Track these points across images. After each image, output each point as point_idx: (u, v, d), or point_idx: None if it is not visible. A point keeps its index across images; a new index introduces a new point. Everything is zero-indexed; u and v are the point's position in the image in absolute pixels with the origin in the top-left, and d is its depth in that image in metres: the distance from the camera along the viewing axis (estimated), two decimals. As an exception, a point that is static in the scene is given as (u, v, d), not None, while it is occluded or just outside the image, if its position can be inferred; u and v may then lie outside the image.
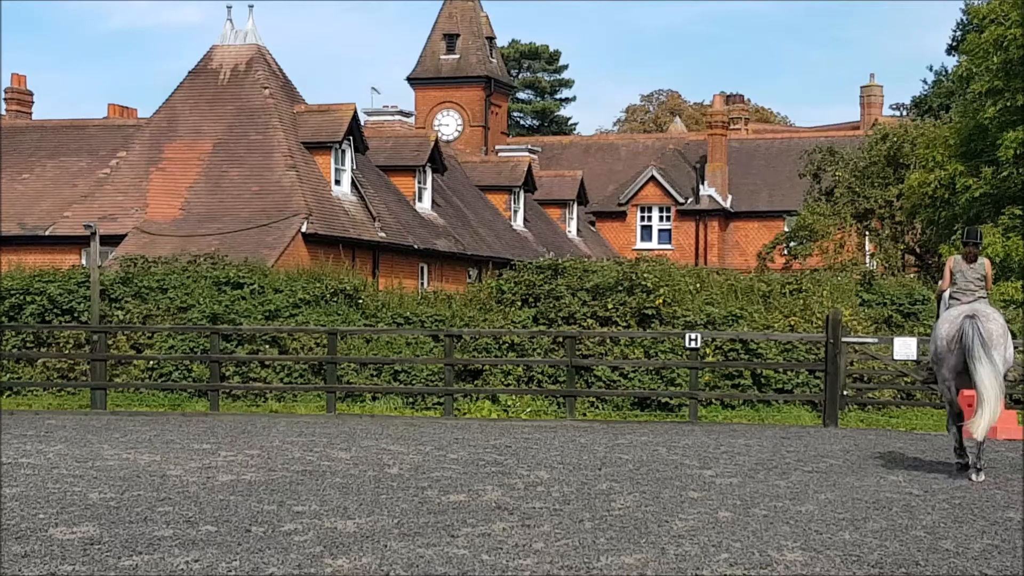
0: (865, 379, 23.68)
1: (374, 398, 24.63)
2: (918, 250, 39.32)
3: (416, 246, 39.01)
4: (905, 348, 22.29)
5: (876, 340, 23.23)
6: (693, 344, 22.88)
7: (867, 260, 39.76)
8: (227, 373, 24.99)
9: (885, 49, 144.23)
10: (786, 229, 47.56)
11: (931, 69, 57.00)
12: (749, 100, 77.51)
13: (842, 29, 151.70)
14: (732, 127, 62.09)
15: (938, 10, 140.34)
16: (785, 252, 43.74)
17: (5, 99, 54.41)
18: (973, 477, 15.00)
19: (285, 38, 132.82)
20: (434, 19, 65.12)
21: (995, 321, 15.19)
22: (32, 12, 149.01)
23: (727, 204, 58.35)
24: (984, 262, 15.74)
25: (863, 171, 40.70)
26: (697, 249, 57.76)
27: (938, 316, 16.08)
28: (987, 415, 14.62)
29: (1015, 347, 17.98)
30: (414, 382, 24.63)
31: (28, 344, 26.07)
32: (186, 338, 25.41)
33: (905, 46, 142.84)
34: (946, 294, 15.97)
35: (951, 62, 55.68)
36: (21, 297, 26.37)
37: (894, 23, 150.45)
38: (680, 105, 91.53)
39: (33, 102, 54.81)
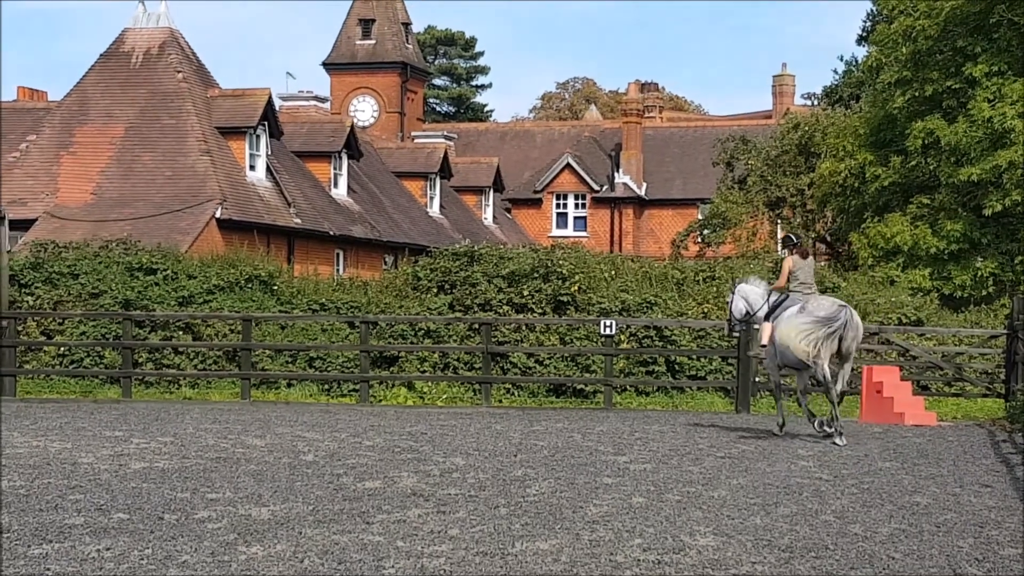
0: (777, 366, 23.93)
1: (289, 385, 24.54)
2: (828, 238, 39.82)
3: (332, 232, 38.85)
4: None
5: (787, 327, 23.45)
6: (608, 331, 23.02)
7: (779, 248, 40.19)
8: (140, 360, 24.76)
9: (797, 39, 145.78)
10: (700, 217, 47.96)
11: (842, 59, 57.80)
12: (664, 88, 77.98)
13: (754, 18, 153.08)
14: (647, 115, 62.43)
15: (848, 1, 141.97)
16: (699, 240, 44.14)
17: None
18: (838, 441, 17.45)
19: (199, 21, 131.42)
20: (350, 4, 64.79)
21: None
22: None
23: (642, 192, 58.71)
24: (811, 259, 18.59)
25: (775, 160, 41.13)
26: (612, 236, 58.07)
27: (770, 311, 18.30)
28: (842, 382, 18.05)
29: (925, 334, 23.72)
30: (329, 369, 24.56)
31: (-65, 330, 25.64)
32: (98, 324, 25.13)
33: (816, 36, 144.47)
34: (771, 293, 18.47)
35: (861, 52, 56.38)
36: (-72, 282, 25.92)
37: (806, 13, 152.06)
38: (595, 93, 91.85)
39: (-60, 84, 53.88)
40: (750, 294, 18.76)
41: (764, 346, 18.51)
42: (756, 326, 19.29)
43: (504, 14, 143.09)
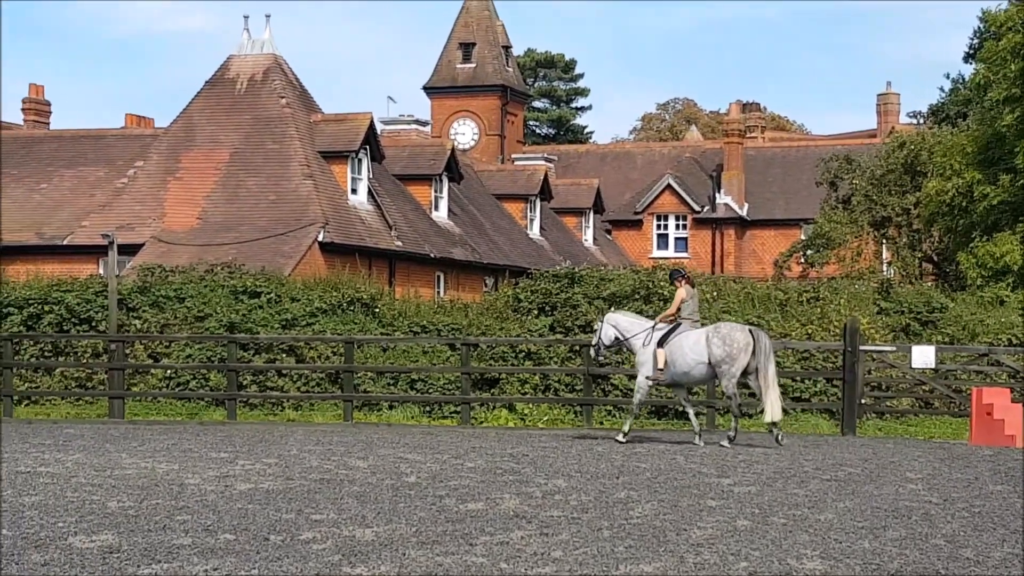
0: (883, 387, 23.61)
1: (391, 407, 24.65)
2: (936, 258, 39.22)
3: (432, 255, 39.02)
4: (923, 356, 22.24)
5: (894, 348, 23.16)
6: (710, 352, 22.79)
7: (884, 268, 39.65)
8: (244, 382, 25.02)
9: (902, 57, 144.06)
10: (803, 237, 47.45)
11: (948, 77, 56.97)
12: (765, 108, 77.40)
13: (858, 36, 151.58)
14: (748, 135, 62.02)
15: (955, 17, 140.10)
16: (802, 260, 43.66)
17: (23, 109, 54.67)
18: (781, 440, 19.66)
19: (302, 47, 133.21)
20: (450, 28, 65.18)
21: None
22: (48, 22, 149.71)
23: (743, 212, 58.26)
24: (696, 290, 20.62)
25: (880, 179, 40.61)
26: (713, 257, 57.67)
27: (663, 337, 19.65)
28: (778, 400, 19.68)
29: None
30: (431, 391, 24.63)
31: (46, 354, 26.14)
32: (203, 347, 25.45)
33: (922, 54, 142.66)
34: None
35: (968, 70, 55.48)
36: (39, 307, 26.44)
37: (911, 31, 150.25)
38: (696, 113, 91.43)
39: (51, 112, 55.10)
40: (620, 321, 20.29)
41: (661, 370, 19.64)
42: (627, 349, 20.71)
43: (604, 36, 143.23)
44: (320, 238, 34.28)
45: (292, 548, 10.80)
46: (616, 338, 20.22)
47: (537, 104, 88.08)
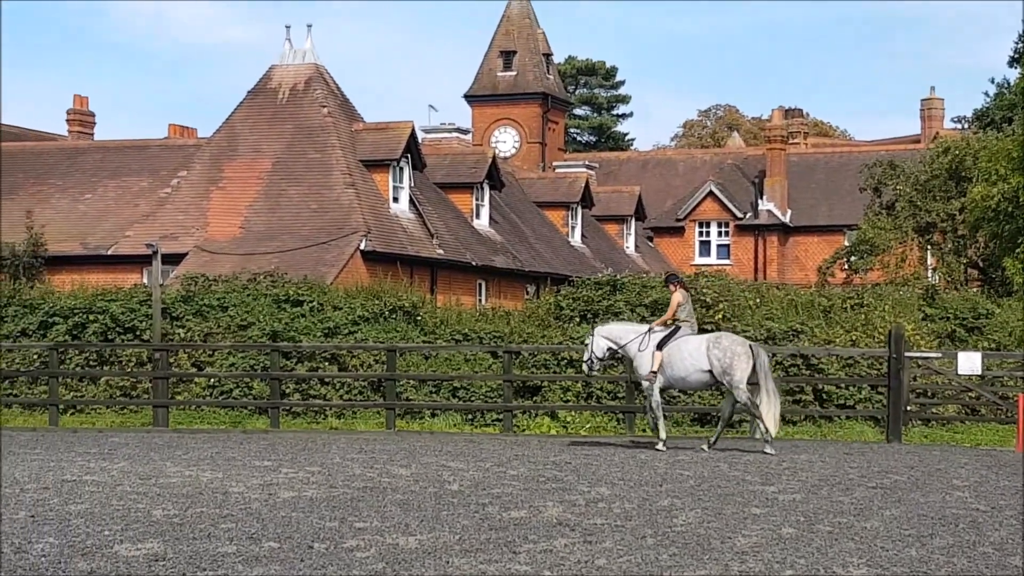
0: (929, 394, 23.42)
1: (433, 415, 24.66)
2: (981, 264, 38.89)
3: (474, 263, 39.05)
4: (969, 363, 22.06)
5: (939, 355, 22.99)
6: (754, 359, 22.69)
7: (929, 274, 39.33)
8: (287, 390, 25.09)
9: (945, 62, 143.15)
10: (847, 243, 47.14)
11: (993, 81, 56.27)
12: (808, 114, 77.05)
13: (902, 41, 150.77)
14: (791, 141, 61.71)
15: (1000, 21, 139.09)
16: (846, 267, 43.38)
17: (68, 120, 55.14)
18: (769, 450, 19.41)
19: (343, 57, 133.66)
20: (491, 36, 65.25)
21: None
22: (93, 34, 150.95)
23: (786, 219, 58.00)
24: (689, 295, 21.04)
25: (924, 185, 40.32)
26: (756, 264, 57.43)
27: (661, 341, 19.86)
28: (777, 411, 19.85)
29: None
30: (473, 399, 24.63)
31: (91, 362, 26.30)
32: (246, 356, 25.54)
33: (966, 58, 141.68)
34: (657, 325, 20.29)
35: (1013, 74, 55.02)
36: (84, 316, 26.62)
37: (954, 35, 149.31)
38: (738, 120, 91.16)
39: (95, 123, 55.56)
40: (613, 330, 20.45)
41: (655, 372, 19.79)
42: (622, 355, 20.62)
43: (645, 43, 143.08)
44: (362, 246, 34.38)
45: (336, 556, 10.81)
46: (609, 349, 20.31)
47: (578, 112, 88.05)
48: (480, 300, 39.36)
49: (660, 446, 19.97)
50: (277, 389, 24.51)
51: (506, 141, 63.68)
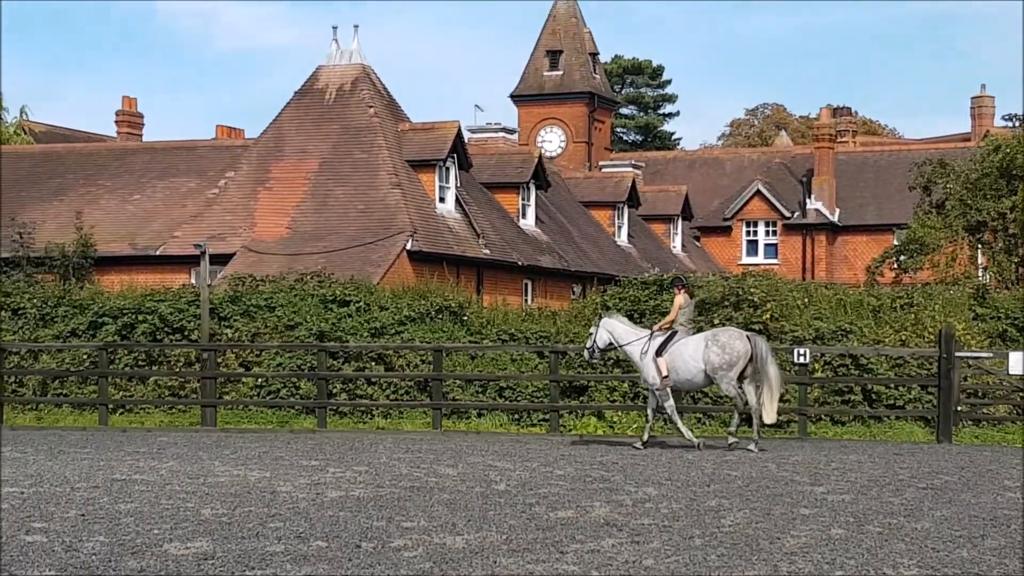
0: (979, 394, 23.21)
1: (479, 415, 24.66)
2: (1032, 262, 38.44)
3: (520, 263, 39.03)
4: (1021, 363, 21.84)
5: (990, 355, 22.78)
6: (801, 360, 22.60)
7: (980, 274, 38.94)
8: (334, 390, 25.16)
9: (996, 59, 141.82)
10: (896, 243, 46.76)
11: (1044, 78, 55.86)
12: (856, 113, 76.53)
13: (951, 41, 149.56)
14: (839, 140, 61.31)
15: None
16: (895, 266, 43.02)
17: (116, 121, 55.57)
18: (754, 448, 19.60)
19: (389, 57, 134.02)
20: (537, 36, 65.20)
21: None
22: (142, 37, 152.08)
23: (835, 218, 57.64)
24: (692, 299, 21.39)
25: (975, 183, 39.90)
26: (804, 264, 57.09)
27: (661, 346, 20.19)
28: (776, 402, 19.91)
29: None
30: (519, 399, 24.61)
31: (140, 362, 26.47)
32: (294, 356, 25.63)
33: (1017, 56, 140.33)
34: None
35: (1064, 71, 54.44)
36: (133, 316, 26.79)
37: (1005, 33, 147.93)
38: (785, 119, 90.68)
39: (143, 124, 55.95)
40: (616, 327, 20.85)
41: (666, 377, 20.06)
42: (623, 357, 21.50)
43: (692, 42, 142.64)
44: (408, 247, 34.42)
45: (383, 555, 10.82)
46: (610, 343, 20.85)
47: (624, 111, 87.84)
48: (526, 300, 39.33)
49: (698, 445, 20.19)
50: (324, 389, 24.58)
51: (552, 141, 63.61)
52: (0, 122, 51.87)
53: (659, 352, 20.17)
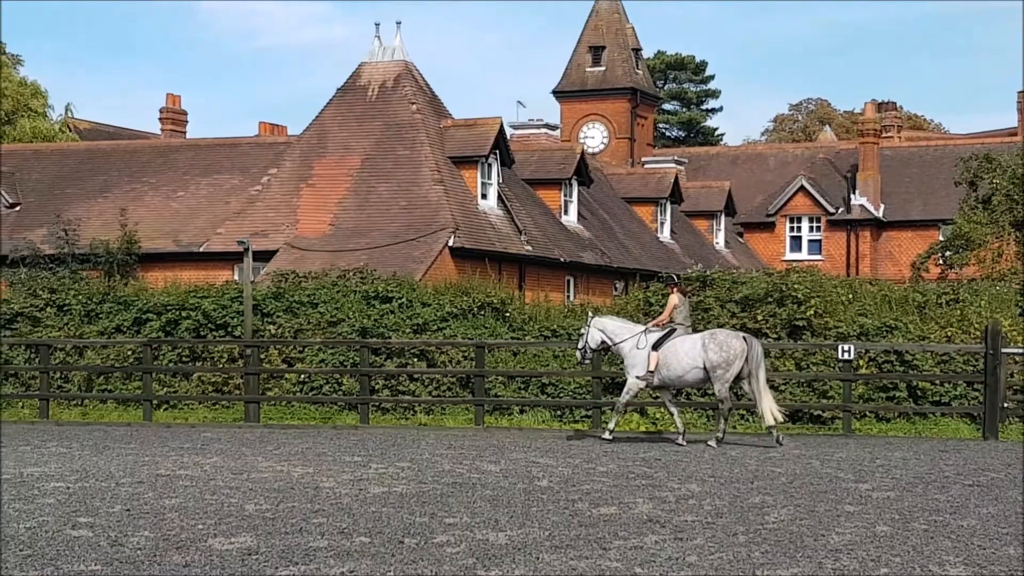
0: (1026, 391, 22.98)
1: (522, 411, 24.65)
2: (1080, 258, 38.04)
3: (562, 259, 38.99)
4: (1068, 359, 21.60)
5: (1038, 351, 22.56)
6: (846, 356, 22.47)
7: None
8: (377, 386, 25.21)
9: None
10: (941, 238, 46.42)
11: (1091, 72, 55.29)
12: (901, 108, 75.94)
13: (998, 35, 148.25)
14: (884, 135, 60.89)
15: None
16: (940, 262, 42.69)
17: (161, 119, 55.91)
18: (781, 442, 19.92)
19: (432, 54, 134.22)
20: (579, 32, 65.10)
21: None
22: (186, 34, 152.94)
23: (879, 213, 57.26)
24: (686, 298, 21.68)
25: (1021, 178, 39.56)
26: (848, 259, 56.75)
27: (658, 341, 20.46)
28: (773, 404, 20.21)
29: None
30: (562, 395, 24.58)
31: (184, 359, 26.60)
32: (336, 352, 25.69)
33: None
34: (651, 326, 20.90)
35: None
36: (177, 312, 26.92)
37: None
38: (830, 114, 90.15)
39: (187, 121, 56.27)
40: (608, 325, 21.16)
41: (651, 372, 20.31)
42: (615, 353, 21.62)
43: (735, 37, 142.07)
44: (450, 243, 34.45)
45: (426, 551, 10.83)
46: (603, 342, 21.10)
47: (667, 107, 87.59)
48: (568, 296, 39.28)
49: (606, 435, 20.84)
50: (366, 385, 24.64)
51: (594, 137, 63.50)
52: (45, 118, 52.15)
53: (655, 347, 20.43)
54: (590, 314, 21.95)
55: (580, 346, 21.38)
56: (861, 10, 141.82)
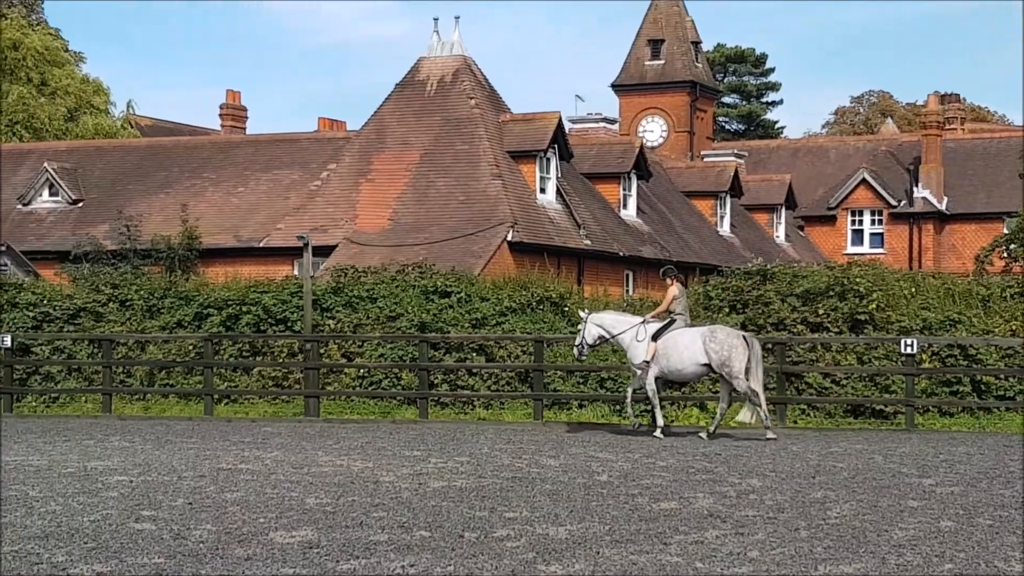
0: (1093, 385, 22.65)
1: (581, 405, 24.59)
2: None
3: (621, 253, 38.88)
4: None
5: (1104, 345, 22.22)
6: (909, 350, 22.25)
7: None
8: (435, 381, 25.23)
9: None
10: (1006, 231, 45.84)
11: None
12: (965, 99, 75.12)
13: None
14: (947, 127, 60.26)
15: None
16: (1005, 255, 42.19)
17: (221, 115, 56.28)
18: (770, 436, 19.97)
19: (490, 48, 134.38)
20: (639, 25, 64.93)
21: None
22: (248, 30, 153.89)
23: (942, 206, 56.68)
24: (685, 289, 21.96)
25: (1087, 169, 39.05)
26: (911, 253, 56.21)
27: (657, 332, 20.61)
28: (763, 405, 20.33)
29: None
30: (621, 390, 24.49)
31: (244, 353, 26.75)
32: (395, 346, 25.75)
33: None
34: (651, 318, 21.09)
35: None
36: (237, 307, 27.06)
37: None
38: (892, 106, 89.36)
39: (247, 117, 56.61)
40: (605, 320, 21.22)
41: (647, 362, 20.43)
42: (614, 347, 21.85)
43: (795, 29, 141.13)
44: (509, 238, 34.44)
45: (486, 545, 10.82)
46: (600, 336, 21.16)
47: (727, 100, 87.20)
48: (627, 291, 39.17)
49: (658, 433, 20.55)
50: (425, 380, 24.67)
51: (653, 130, 63.32)
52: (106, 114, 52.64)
53: (655, 338, 20.57)
54: (586, 311, 21.95)
55: (577, 342, 21.38)
56: (923, 7, 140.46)
